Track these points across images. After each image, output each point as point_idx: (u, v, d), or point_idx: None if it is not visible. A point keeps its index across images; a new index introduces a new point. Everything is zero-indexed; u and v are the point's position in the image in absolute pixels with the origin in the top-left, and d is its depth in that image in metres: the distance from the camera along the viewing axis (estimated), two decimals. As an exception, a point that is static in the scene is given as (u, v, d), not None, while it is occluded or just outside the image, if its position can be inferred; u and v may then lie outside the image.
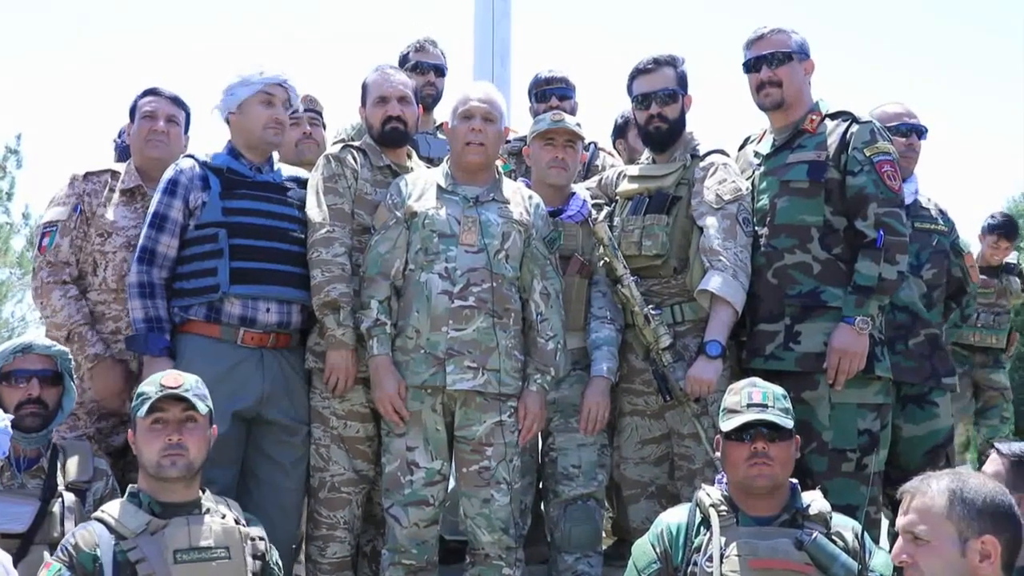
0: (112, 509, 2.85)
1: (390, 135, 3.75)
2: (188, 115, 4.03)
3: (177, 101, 3.99)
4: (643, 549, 2.99)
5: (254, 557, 2.89)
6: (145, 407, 2.88)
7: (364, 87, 3.84)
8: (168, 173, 3.62)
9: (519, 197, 3.65)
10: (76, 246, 3.82)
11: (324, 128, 4.56)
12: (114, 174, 3.92)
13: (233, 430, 3.43)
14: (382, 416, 3.52)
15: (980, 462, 3.47)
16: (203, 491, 2.96)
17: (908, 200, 4.12)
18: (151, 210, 3.58)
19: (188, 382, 2.95)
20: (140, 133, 3.92)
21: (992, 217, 6.65)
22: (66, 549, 2.76)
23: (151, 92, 3.97)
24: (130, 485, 2.95)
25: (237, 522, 2.91)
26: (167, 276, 3.54)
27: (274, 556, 3.00)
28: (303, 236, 3.61)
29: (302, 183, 3.75)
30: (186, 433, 2.89)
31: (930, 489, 2.32)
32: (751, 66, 3.81)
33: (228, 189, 3.59)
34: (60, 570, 2.74)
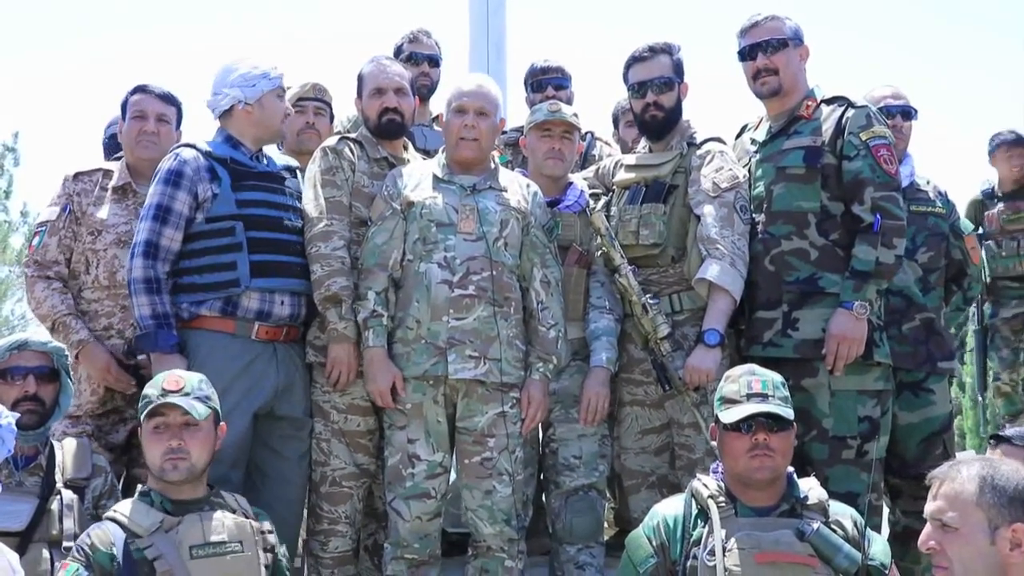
0: (124, 508, 2.87)
1: (387, 127, 3.73)
2: (180, 110, 4.00)
3: (167, 98, 3.96)
4: (639, 543, 2.95)
5: (264, 550, 2.90)
6: (146, 411, 2.90)
7: (360, 78, 3.82)
8: (168, 163, 3.49)
9: (516, 185, 3.64)
10: (64, 246, 3.80)
11: (332, 119, 4.51)
12: (106, 173, 3.91)
13: (249, 428, 3.43)
14: (383, 408, 3.51)
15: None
16: (211, 487, 2.97)
17: (904, 182, 4.10)
18: (151, 202, 3.45)
19: (190, 383, 2.95)
20: (130, 133, 3.90)
21: (997, 135, 5.98)
22: (82, 549, 2.78)
23: (140, 90, 3.94)
24: (139, 485, 2.96)
25: (247, 516, 2.93)
26: (168, 270, 3.45)
27: (282, 549, 3.01)
28: (301, 225, 3.59)
29: (293, 172, 3.74)
30: (187, 436, 2.89)
31: (960, 475, 2.28)
32: (746, 54, 3.80)
33: (237, 180, 3.52)
34: (78, 570, 2.74)
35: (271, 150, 3.86)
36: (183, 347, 3.41)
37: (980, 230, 5.67)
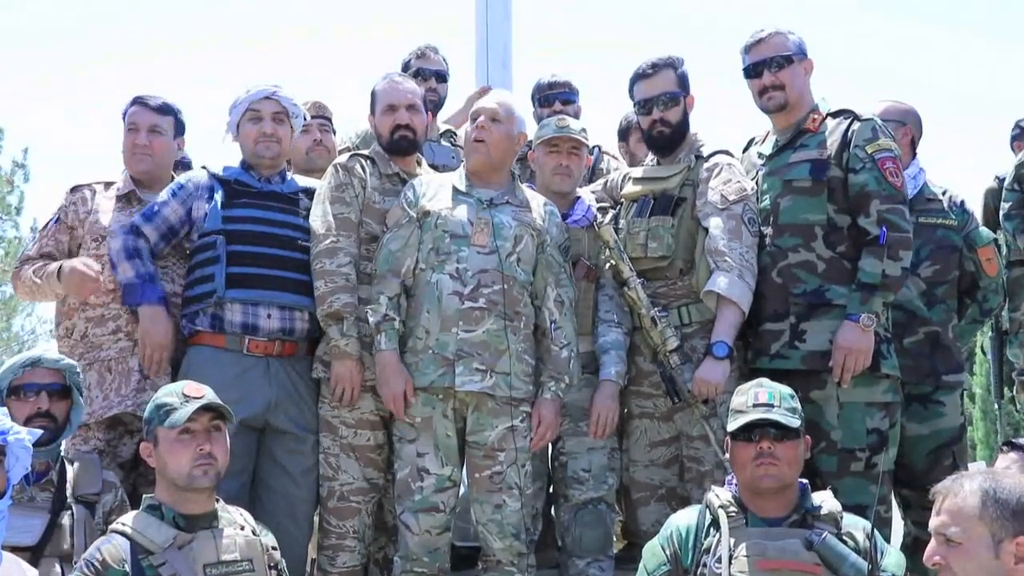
0: (133, 522, 2.80)
1: (399, 143, 3.76)
2: (178, 119, 3.98)
3: (162, 108, 3.94)
4: (653, 551, 2.99)
5: (269, 567, 2.89)
6: (174, 417, 2.81)
7: (373, 95, 3.85)
8: (178, 180, 3.75)
9: (535, 203, 3.65)
10: (45, 252, 3.85)
11: (335, 134, 4.56)
12: (107, 184, 3.94)
13: (241, 439, 3.43)
14: (393, 421, 3.53)
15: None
16: (217, 500, 2.96)
17: (912, 191, 4.08)
18: (150, 204, 3.69)
19: (208, 391, 2.93)
20: (127, 146, 3.92)
21: (1018, 125, 5.53)
22: (92, 565, 2.70)
23: (136, 101, 3.95)
24: (146, 496, 2.90)
25: (254, 533, 2.91)
26: (150, 249, 3.64)
27: (281, 564, 3.00)
28: (308, 244, 3.63)
29: (312, 194, 3.77)
30: (213, 442, 2.86)
31: (962, 489, 2.26)
32: (751, 71, 3.80)
33: (231, 198, 3.66)
34: None
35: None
36: (168, 305, 3.59)
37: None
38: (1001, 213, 4.28)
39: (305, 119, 4.04)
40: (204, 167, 3.78)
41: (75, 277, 3.66)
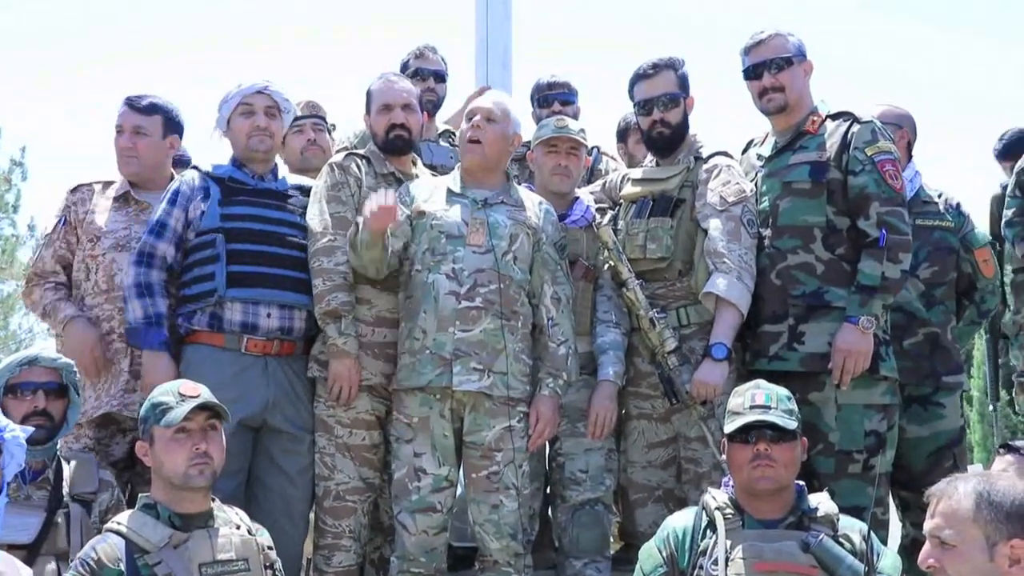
0: (128, 521, 2.79)
1: (394, 143, 3.76)
2: (169, 118, 3.94)
3: (149, 108, 3.90)
4: (649, 552, 2.99)
5: (265, 567, 2.88)
6: (170, 416, 2.80)
7: (368, 95, 3.85)
8: (173, 184, 3.71)
9: (529, 202, 3.65)
10: (60, 256, 3.85)
11: (329, 133, 4.55)
12: (106, 184, 3.93)
13: (238, 438, 3.42)
14: (390, 421, 3.54)
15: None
16: (213, 500, 2.96)
17: (908, 193, 4.07)
18: (152, 218, 3.65)
19: (204, 390, 2.93)
20: (115, 148, 3.92)
21: (1000, 139, 5.44)
22: (87, 564, 2.69)
23: (124, 102, 3.93)
24: (142, 495, 2.90)
25: (250, 532, 2.90)
26: (165, 278, 3.59)
27: (278, 563, 3.00)
28: (304, 241, 3.63)
29: (306, 191, 3.77)
30: (208, 441, 2.85)
31: (956, 492, 2.26)
32: (751, 73, 3.80)
33: (227, 196, 3.65)
34: None
35: (287, 170, 3.99)
36: (170, 345, 3.53)
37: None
38: (1003, 220, 4.28)
39: (289, 112, 4.03)
40: (195, 167, 3.77)
41: (77, 345, 3.67)
